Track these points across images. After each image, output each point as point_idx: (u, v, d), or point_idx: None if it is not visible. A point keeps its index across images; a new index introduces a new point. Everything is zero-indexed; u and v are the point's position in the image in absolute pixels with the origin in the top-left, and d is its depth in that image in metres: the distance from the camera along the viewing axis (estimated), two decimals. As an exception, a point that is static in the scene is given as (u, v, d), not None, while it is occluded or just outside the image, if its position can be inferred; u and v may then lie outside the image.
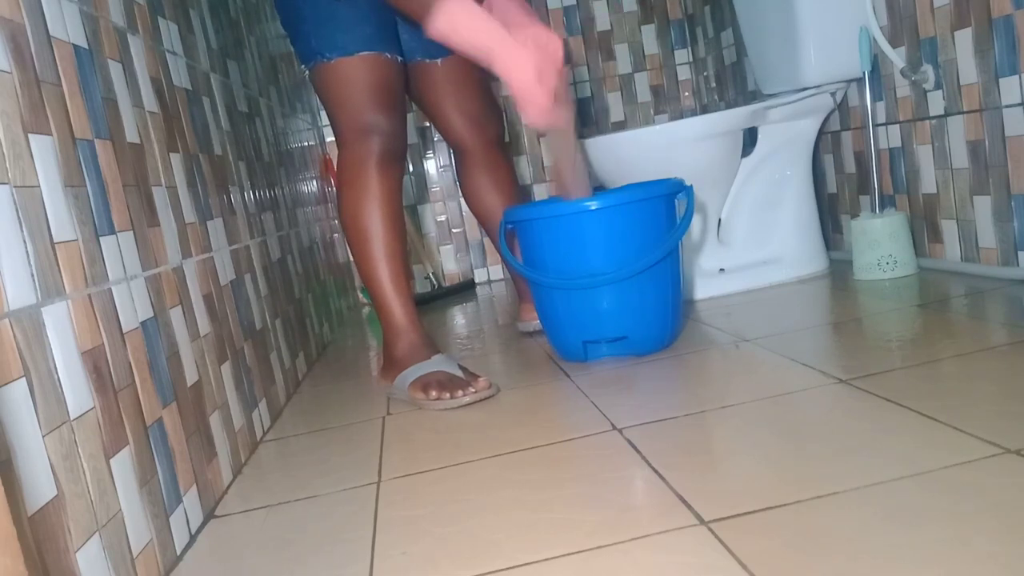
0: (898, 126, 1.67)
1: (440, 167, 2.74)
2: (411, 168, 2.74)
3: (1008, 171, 1.39)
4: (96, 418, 0.74)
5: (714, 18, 2.53)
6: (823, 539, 0.66)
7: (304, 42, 1.36)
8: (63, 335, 0.71)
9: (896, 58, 1.59)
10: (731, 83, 2.48)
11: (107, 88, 0.92)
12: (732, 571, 0.64)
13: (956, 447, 0.78)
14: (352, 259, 1.97)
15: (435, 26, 1.19)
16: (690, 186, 1.39)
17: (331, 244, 2.40)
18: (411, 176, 2.74)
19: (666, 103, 2.79)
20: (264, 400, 1.34)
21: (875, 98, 1.72)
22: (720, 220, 1.83)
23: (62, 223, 0.75)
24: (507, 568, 0.71)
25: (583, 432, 1.03)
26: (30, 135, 0.72)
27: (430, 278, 2.65)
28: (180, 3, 1.30)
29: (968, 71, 1.44)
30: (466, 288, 2.67)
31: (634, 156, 1.72)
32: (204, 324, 1.10)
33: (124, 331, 0.84)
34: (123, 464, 0.78)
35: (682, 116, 2.77)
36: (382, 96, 1.34)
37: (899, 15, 1.60)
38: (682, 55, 2.77)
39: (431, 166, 2.75)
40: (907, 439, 0.82)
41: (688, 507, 0.76)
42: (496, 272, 2.78)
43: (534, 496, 0.86)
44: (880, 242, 1.64)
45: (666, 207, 1.36)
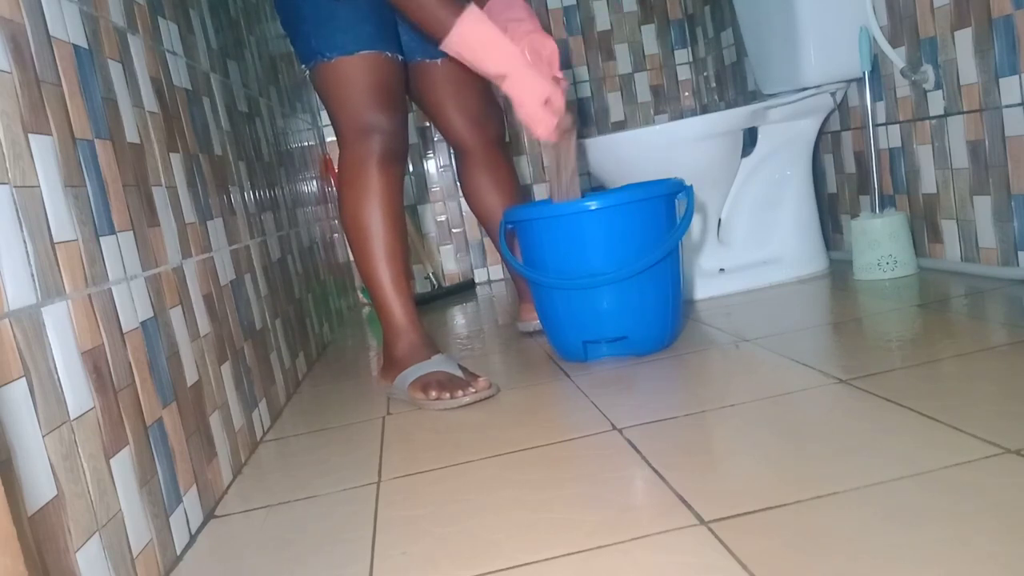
0: (898, 126, 1.67)
1: (440, 167, 2.74)
2: (411, 168, 2.73)
3: (1008, 171, 1.39)
4: (96, 418, 0.74)
5: (714, 18, 2.53)
6: (823, 539, 0.66)
7: (304, 42, 1.36)
8: (63, 335, 0.71)
9: (896, 58, 1.59)
10: (731, 83, 2.48)
11: (107, 88, 0.92)
12: (732, 571, 0.64)
13: (956, 447, 0.79)
14: (352, 259, 1.97)
15: (449, 46, 1.20)
16: (690, 186, 1.39)
17: (331, 244, 2.40)
18: (411, 176, 2.74)
19: (666, 103, 2.79)
20: (264, 400, 1.34)
21: (875, 98, 1.72)
22: (720, 220, 1.83)
23: (62, 223, 0.75)
24: (507, 568, 0.71)
25: (583, 432, 1.03)
26: (30, 135, 0.73)
27: (430, 278, 2.65)
28: (180, 3, 1.30)
29: (968, 71, 1.44)
30: (466, 288, 2.67)
31: (634, 156, 1.72)
32: (204, 324, 1.10)
33: (124, 331, 0.84)
34: (123, 464, 0.78)
35: (682, 116, 2.77)
36: (383, 95, 1.34)
37: (899, 15, 1.60)
38: (682, 55, 2.77)
39: (431, 166, 2.75)
40: (907, 439, 0.82)
41: (688, 507, 0.76)
42: (496, 272, 2.78)
43: (534, 496, 0.86)
44: (880, 242, 1.64)
45: (666, 207, 1.36)
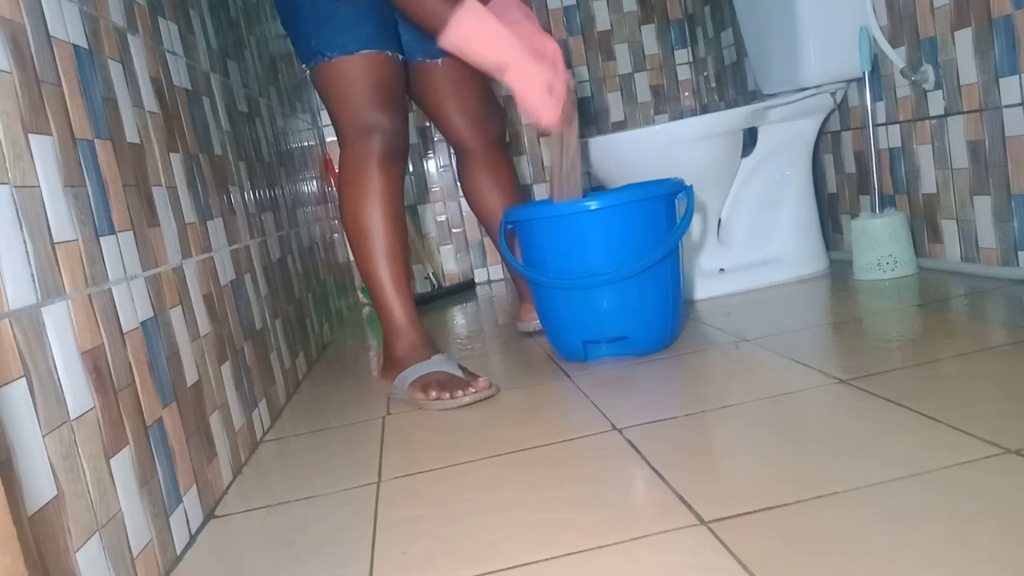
0: (898, 126, 1.67)
1: (440, 167, 2.74)
2: (411, 168, 2.73)
3: (1008, 171, 1.39)
4: (96, 418, 0.74)
5: (714, 18, 2.53)
6: (823, 539, 0.66)
7: (304, 41, 1.36)
8: (63, 335, 0.71)
9: (896, 58, 1.59)
10: (731, 83, 2.48)
11: (107, 88, 0.92)
12: (732, 571, 0.64)
13: (956, 447, 0.78)
14: (353, 258, 1.97)
15: (448, 39, 1.19)
16: (690, 186, 1.39)
17: (331, 244, 2.40)
18: (411, 176, 2.74)
19: (666, 103, 2.79)
20: (264, 400, 1.34)
21: (875, 98, 1.72)
22: (720, 220, 1.83)
23: (62, 223, 0.75)
24: (507, 568, 0.71)
25: (583, 432, 1.03)
26: (30, 135, 0.73)
27: (430, 278, 2.65)
28: (180, 3, 1.30)
29: (968, 71, 1.44)
30: (466, 288, 2.67)
31: (634, 156, 1.72)
32: (204, 324, 1.10)
33: (124, 331, 0.84)
34: (123, 464, 0.78)
35: (682, 116, 2.77)
36: (383, 95, 1.34)
37: (899, 15, 1.60)
38: (682, 55, 2.77)
39: (431, 166, 2.75)
40: (907, 439, 0.82)
41: (688, 507, 0.76)
42: (496, 272, 2.78)
43: (534, 496, 0.86)
44: (880, 242, 1.64)
45: (666, 207, 1.36)
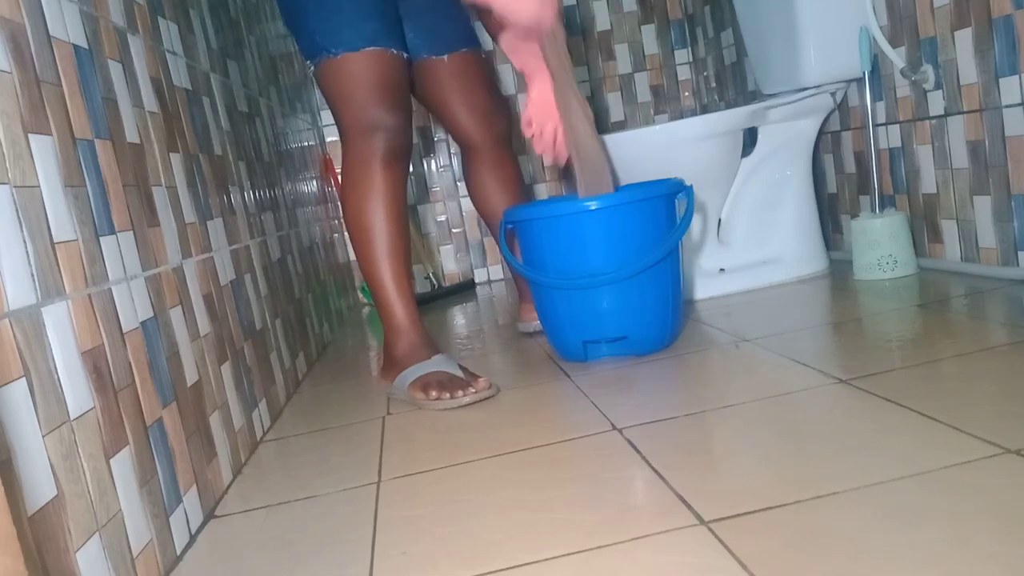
0: (898, 126, 1.67)
1: (440, 167, 2.74)
2: (411, 168, 2.73)
3: (1008, 171, 1.39)
4: (96, 418, 0.74)
5: (714, 18, 2.53)
6: (823, 539, 0.66)
7: (309, 38, 1.35)
8: (63, 335, 0.71)
9: (896, 58, 1.59)
10: (731, 83, 2.48)
11: (107, 88, 0.92)
12: (732, 571, 0.64)
13: (956, 447, 0.78)
14: (354, 257, 1.97)
15: None
16: (690, 186, 1.39)
17: (331, 244, 2.40)
18: (411, 176, 2.74)
19: (666, 103, 2.79)
20: (264, 400, 1.34)
21: (875, 98, 1.72)
22: (720, 220, 1.83)
23: (62, 223, 0.75)
24: (507, 568, 0.71)
25: (583, 432, 1.03)
26: (30, 135, 0.73)
27: (430, 278, 2.65)
28: (180, 3, 1.30)
29: (968, 71, 1.44)
30: (466, 288, 2.67)
31: (634, 156, 1.72)
32: (204, 324, 1.10)
33: (124, 331, 0.84)
34: (123, 464, 0.78)
35: (682, 116, 2.77)
36: (388, 93, 1.33)
37: (899, 15, 1.60)
38: (682, 55, 2.77)
39: (431, 166, 2.75)
40: (907, 439, 0.82)
41: (688, 507, 0.76)
42: (496, 272, 2.78)
43: (534, 496, 0.86)
44: (880, 242, 1.64)
45: (666, 207, 1.36)
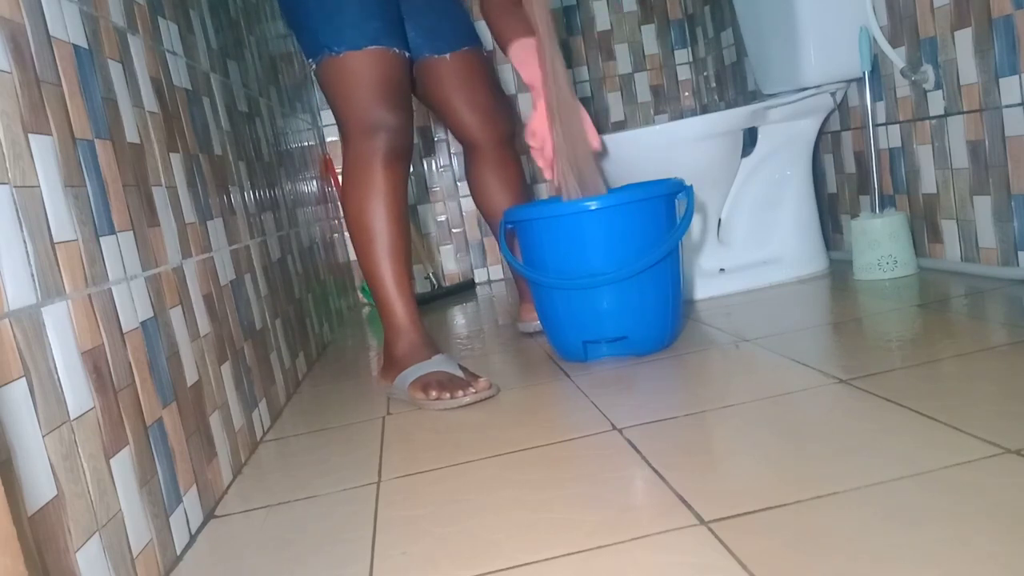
0: (898, 126, 1.67)
1: (440, 167, 2.74)
2: (412, 168, 2.73)
3: (1008, 171, 1.39)
4: (96, 418, 0.74)
5: (714, 18, 2.53)
6: (823, 539, 0.66)
7: (311, 36, 1.34)
8: (63, 335, 0.71)
9: (896, 58, 1.59)
10: (731, 83, 2.48)
11: (107, 88, 0.92)
12: (732, 571, 0.64)
13: (956, 447, 0.78)
14: (355, 257, 1.97)
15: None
16: (690, 186, 1.39)
17: (331, 244, 2.40)
18: (412, 176, 2.74)
19: (666, 103, 2.79)
20: (264, 400, 1.34)
21: (875, 98, 1.72)
22: (720, 220, 1.83)
23: (62, 223, 0.75)
24: (507, 568, 0.71)
25: (583, 432, 1.03)
26: (30, 135, 0.73)
27: (430, 278, 2.65)
28: (180, 3, 1.30)
29: (968, 71, 1.44)
30: (466, 288, 2.67)
31: (634, 156, 1.72)
32: (204, 324, 1.10)
33: (124, 331, 0.84)
34: (123, 464, 0.78)
35: (682, 116, 2.77)
36: (389, 92, 1.33)
37: (899, 15, 1.60)
38: (682, 55, 2.77)
39: (431, 166, 2.75)
40: (907, 439, 0.82)
41: (688, 507, 0.76)
42: (496, 272, 2.78)
43: (534, 496, 0.86)
44: (880, 242, 1.64)
45: (666, 207, 1.36)
